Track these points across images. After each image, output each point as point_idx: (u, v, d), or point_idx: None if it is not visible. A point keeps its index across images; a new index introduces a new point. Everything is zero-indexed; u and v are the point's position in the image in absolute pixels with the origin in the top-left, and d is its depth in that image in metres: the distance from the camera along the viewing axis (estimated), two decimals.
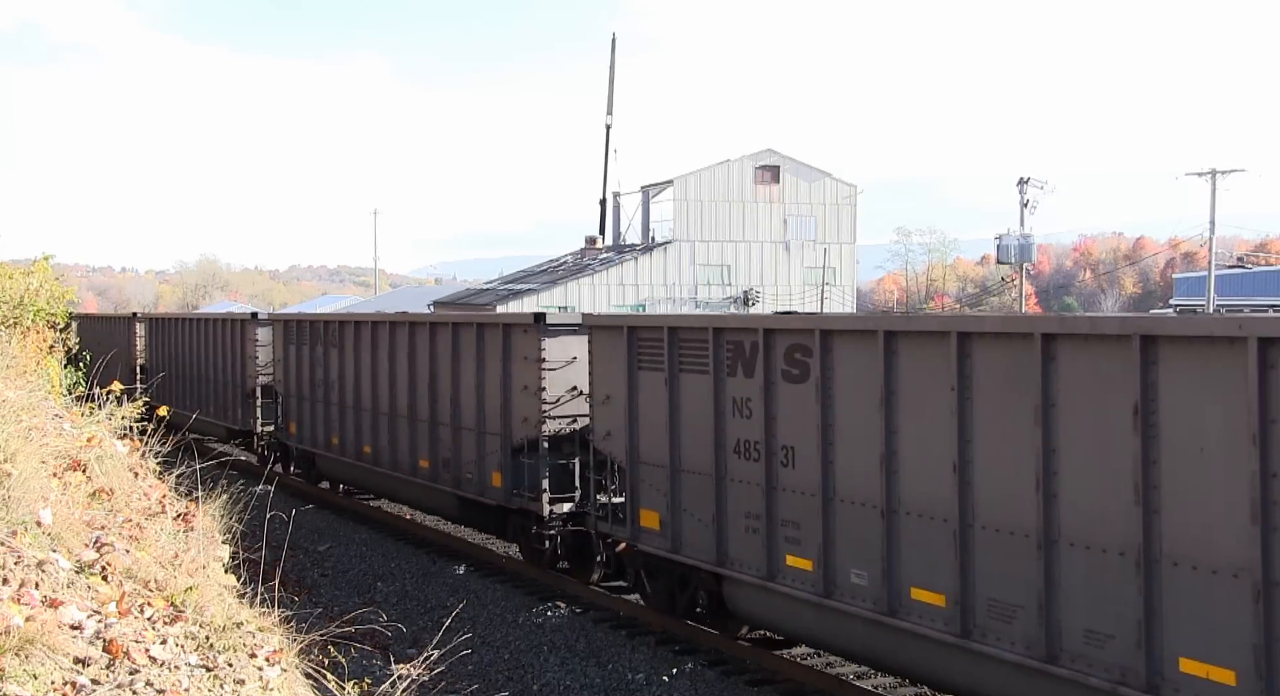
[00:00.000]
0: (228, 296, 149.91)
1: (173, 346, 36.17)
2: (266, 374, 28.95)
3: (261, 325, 29.35)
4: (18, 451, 7.38)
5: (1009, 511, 10.25)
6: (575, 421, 17.34)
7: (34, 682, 5.12)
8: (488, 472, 18.91)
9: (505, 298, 63.99)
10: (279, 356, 27.50)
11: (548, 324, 17.38)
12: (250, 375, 29.68)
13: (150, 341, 38.27)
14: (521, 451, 17.99)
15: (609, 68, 74.33)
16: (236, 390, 30.70)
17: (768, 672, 13.86)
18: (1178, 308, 66.15)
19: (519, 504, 18.13)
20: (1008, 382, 10.28)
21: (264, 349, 28.93)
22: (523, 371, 17.92)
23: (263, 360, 28.96)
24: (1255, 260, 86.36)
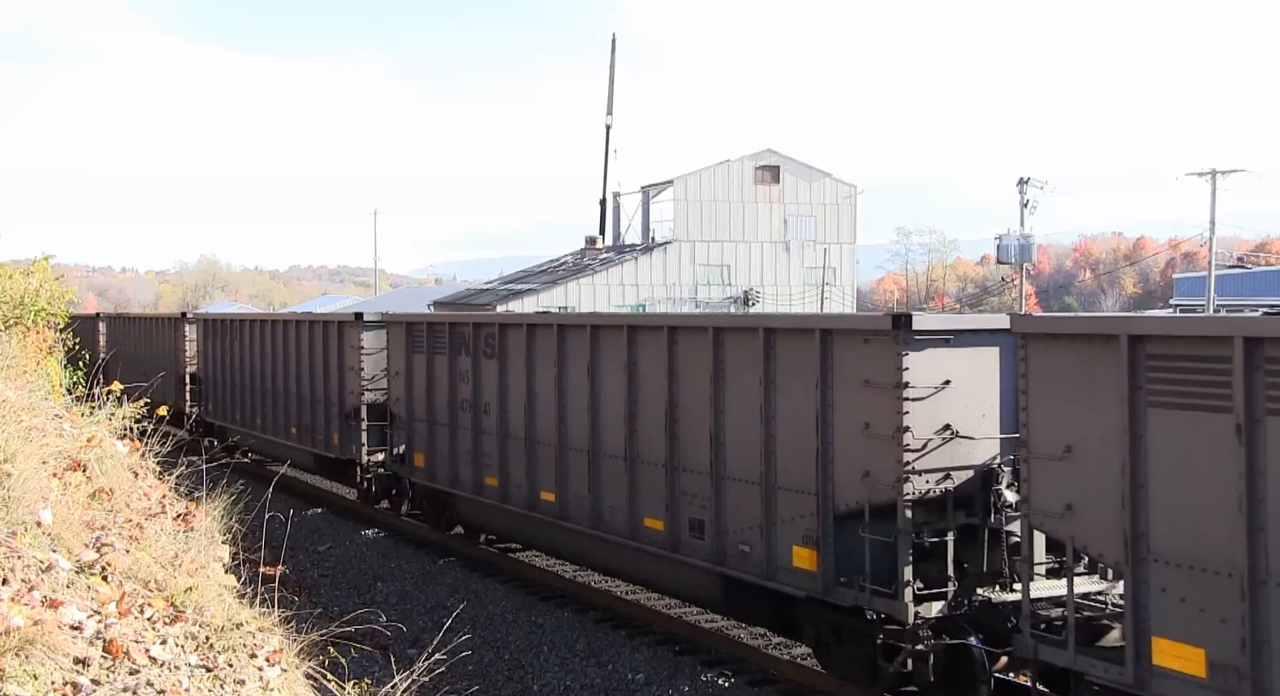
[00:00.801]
0: (228, 296, 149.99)
1: (236, 354, 30.83)
2: (376, 389, 23.42)
3: (369, 328, 23.59)
4: (18, 451, 7.39)
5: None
6: None
7: (34, 682, 5.12)
8: (782, 545, 12.89)
9: (505, 298, 64.02)
10: (397, 368, 21.78)
11: (914, 332, 11.45)
12: (352, 391, 23.93)
13: (205, 347, 33.38)
14: None
15: (609, 68, 74.49)
16: (331, 409, 24.98)
17: (768, 672, 13.86)
18: (1178, 307, 66.19)
19: None
20: None
21: (371, 358, 23.40)
22: (870, 401, 11.75)
23: (370, 372, 23.41)
24: (1255, 260, 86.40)
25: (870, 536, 11.54)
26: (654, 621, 16.09)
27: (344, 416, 24.24)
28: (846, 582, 11.97)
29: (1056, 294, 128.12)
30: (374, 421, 23.29)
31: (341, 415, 24.36)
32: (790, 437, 12.70)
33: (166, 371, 34.40)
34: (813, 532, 12.34)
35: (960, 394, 11.42)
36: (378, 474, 23.61)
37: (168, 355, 35.77)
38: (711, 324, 13.88)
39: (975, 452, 11.52)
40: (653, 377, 14.78)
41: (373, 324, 23.54)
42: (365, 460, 23.61)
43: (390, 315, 23.21)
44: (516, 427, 17.94)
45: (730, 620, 15.67)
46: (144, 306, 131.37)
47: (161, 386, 33.56)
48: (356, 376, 23.59)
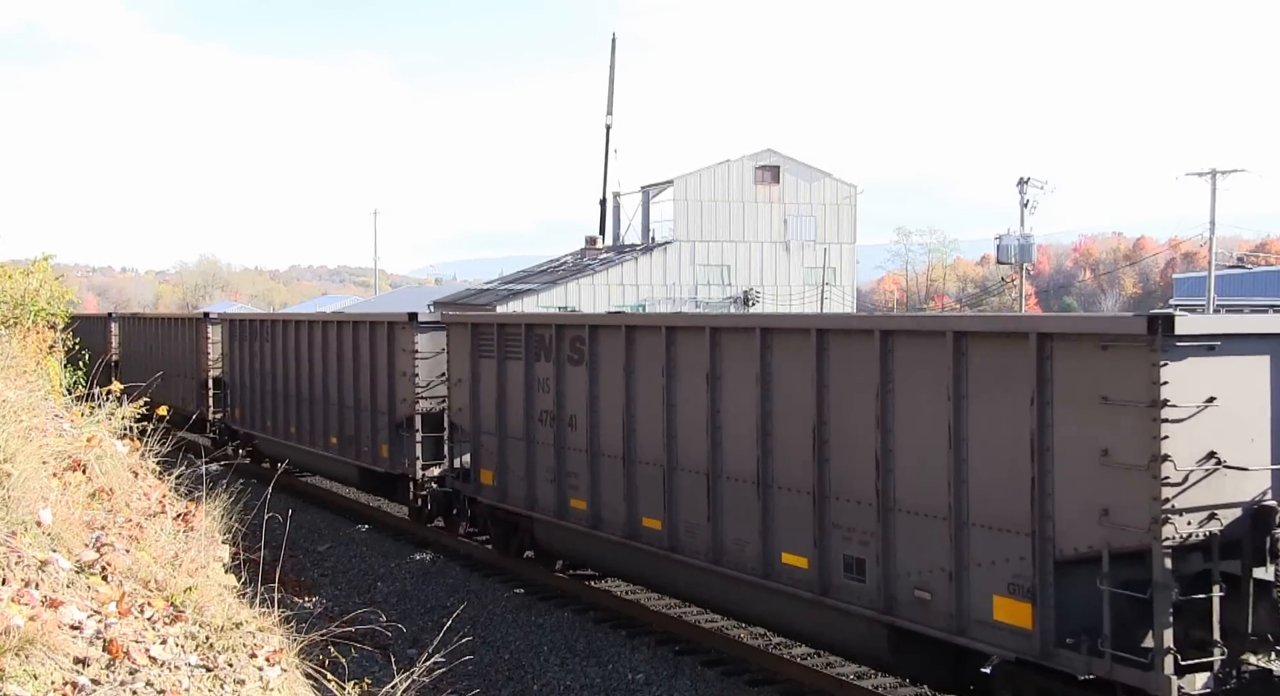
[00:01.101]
0: (228, 296, 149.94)
1: (267, 357, 28.56)
2: (432, 397, 21.36)
3: (424, 330, 21.46)
4: (18, 451, 7.38)
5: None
6: None
7: (34, 682, 5.12)
8: (976, 593, 10.80)
9: (505, 298, 64.01)
10: (459, 375, 19.65)
11: None
12: (404, 399, 21.82)
13: (231, 349, 30.99)
14: None
15: (609, 68, 74.45)
16: (379, 418, 22.74)
17: (768, 672, 13.86)
18: (1178, 307, 66.15)
19: None
20: None
21: (426, 363, 21.30)
22: (1110, 422, 9.75)
23: (425, 378, 21.41)
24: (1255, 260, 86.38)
25: (1111, 589, 9.54)
26: (654, 621, 16.09)
27: (394, 426, 22.20)
28: (1073, 644, 9.86)
29: (1056, 294, 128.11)
30: (429, 432, 21.48)
31: (392, 425, 22.31)
32: (990, 464, 10.66)
33: (186, 375, 33.87)
34: (1024, 580, 10.27)
35: (1226, 413, 9.55)
36: (433, 491, 21.82)
37: (188, 358, 34.03)
38: (877, 327, 11.80)
39: (1244, 487, 9.70)
40: (793, 388, 12.76)
41: (429, 325, 21.55)
42: (420, 475, 21.77)
43: (451, 315, 21.17)
44: (611, 444, 15.86)
45: (730, 620, 15.65)
46: (144, 306, 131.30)
47: (182, 391, 33.69)
48: (410, 383, 21.61)
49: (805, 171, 71.52)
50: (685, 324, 14.89)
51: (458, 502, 20.84)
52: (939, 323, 11.54)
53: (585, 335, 16.31)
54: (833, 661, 14.09)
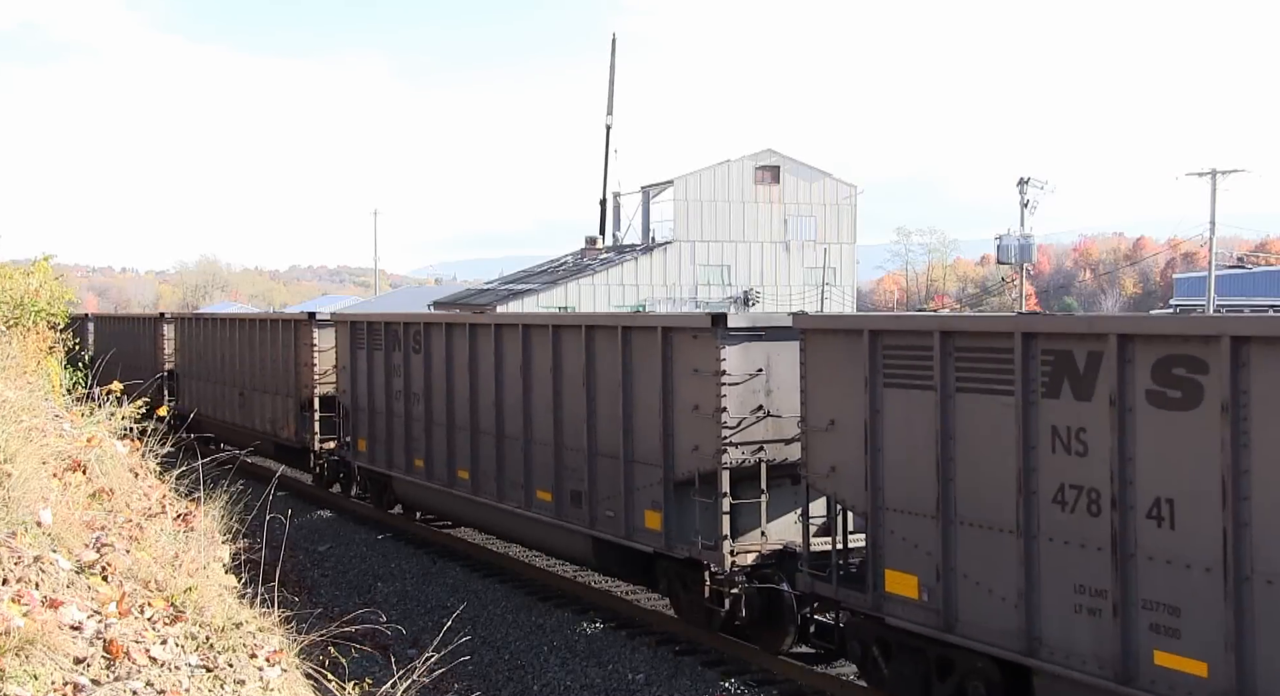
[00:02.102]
0: (228, 296, 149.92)
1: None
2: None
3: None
4: (18, 451, 7.38)
5: None
6: None
7: (34, 682, 5.12)
8: None
9: (505, 298, 64.02)
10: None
11: None
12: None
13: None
14: None
15: (609, 68, 74.44)
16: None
17: (768, 672, 13.86)
18: (1178, 308, 66.19)
19: None
20: None
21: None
22: None
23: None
24: (1255, 260, 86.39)
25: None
26: (654, 621, 16.10)
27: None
28: None
29: (1056, 294, 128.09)
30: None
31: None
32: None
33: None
34: None
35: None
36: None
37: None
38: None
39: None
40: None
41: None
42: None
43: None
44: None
45: None
46: (144, 306, 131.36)
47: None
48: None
49: (805, 171, 71.52)
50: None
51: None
52: None
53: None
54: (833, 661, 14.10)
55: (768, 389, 13.65)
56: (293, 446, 26.86)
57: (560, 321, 17.05)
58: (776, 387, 13.65)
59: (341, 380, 23.78)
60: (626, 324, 15.46)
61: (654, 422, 14.66)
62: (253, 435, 28.48)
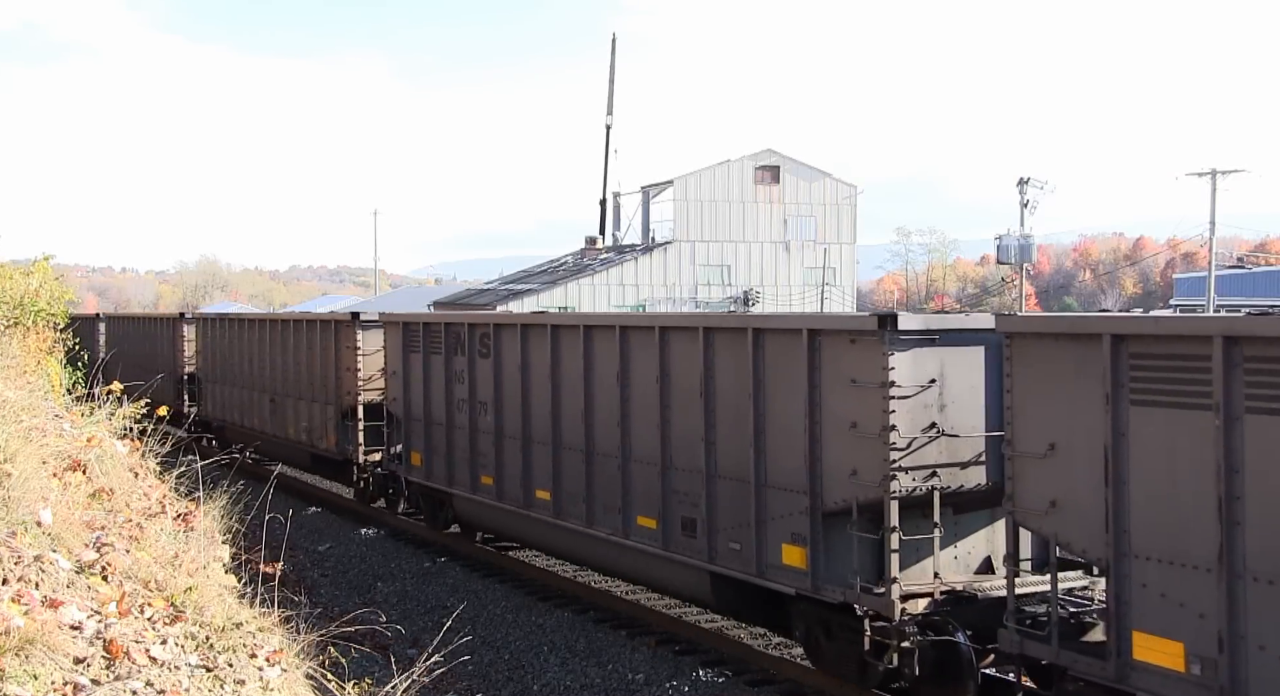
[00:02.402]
0: (228, 296, 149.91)
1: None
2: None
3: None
4: (18, 451, 7.38)
5: None
6: None
7: (34, 682, 5.12)
8: None
9: (505, 298, 64.02)
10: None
11: None
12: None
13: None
14: None
15: (609, 68, 74.48)
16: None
17: (768, 673, 13.86)
18: (1178, 308, 66.20)
19: None
20: None
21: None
22: None
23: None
24: (1255, 260, 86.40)
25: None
26: (654, 621, 16.09)
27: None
28: None
29: (1056, 294, 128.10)
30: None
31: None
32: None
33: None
34: None
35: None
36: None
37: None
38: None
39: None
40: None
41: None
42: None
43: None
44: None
45: (730, 620, 15.67)
46: (144, 306, 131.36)
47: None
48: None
49: (805, 171, 71.54)
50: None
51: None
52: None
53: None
54: None
55: (941, 403, 11.64)
56: (332, 458, 24.87)
57: (669, 323, 14.77)
58: (951, 401, 11.67)
59: (391, 387, 21.71)
60: (759, 326, 13.14)
61: (795, 442, 12.48)
62: (285, 445, 27.23)
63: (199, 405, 32.81)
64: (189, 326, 34.37)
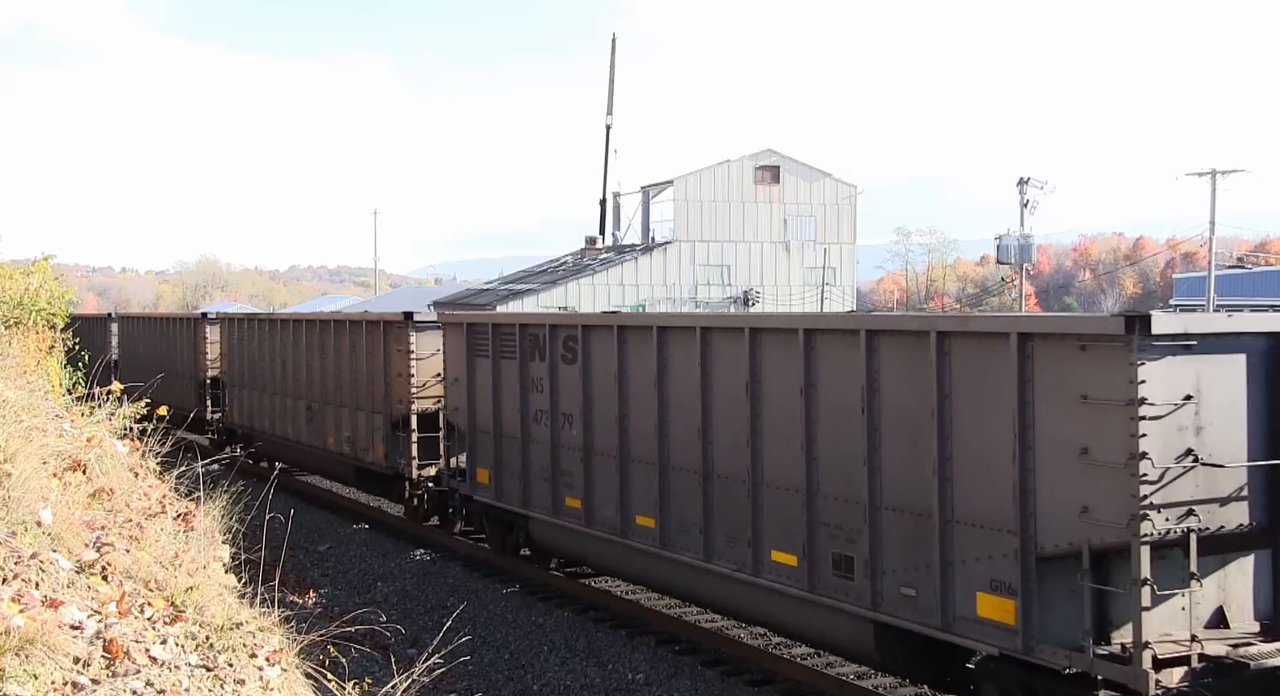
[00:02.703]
0: (227, 296, 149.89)
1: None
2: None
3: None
4: (18, 451, 7.38)
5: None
6: None
7: (34, 682, 5.11)
8: None
9: (505, 298, 64.02)
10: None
11: None
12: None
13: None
14: None
15: (609, 68, 74.46)
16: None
17: (768, 672, 13.85)
18: (1177, 308, 66.20)
19: None
20: None
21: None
22: None
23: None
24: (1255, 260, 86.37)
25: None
26: (654, 621, 16.09)
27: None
28: None
29: (1056, 294, 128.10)
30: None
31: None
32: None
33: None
34: None
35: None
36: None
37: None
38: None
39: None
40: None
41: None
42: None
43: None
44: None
45: (729, 620, 15.65)
46: (144, 306, 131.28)
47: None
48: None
49: (805, 171, 71.53)
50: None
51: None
52: None
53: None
54: (833, 661, 14.08)
55: (1197, 425, 9.68)
56: (380, 472, 22.96)
57: (815, 324, 12.72)
58: (1209, 423, 9.70)
59: (452, 396, 19.74)
60: (944, 328, 11.05)
61: (997, 471, 10.43)
62: (324, 457, 25.48)
63: (223, 411, 31.24)
64: (212, 327, 32.47)
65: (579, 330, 16.34)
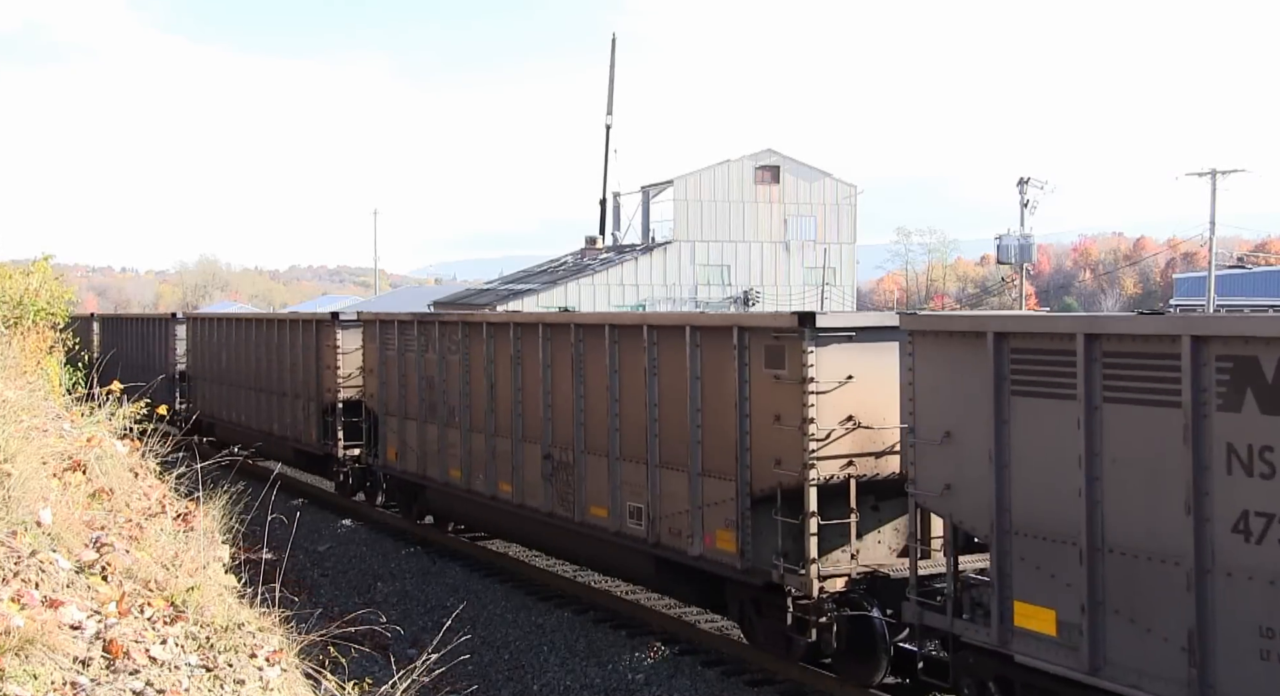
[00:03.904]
0: (228, 296, 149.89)
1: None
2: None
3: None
4: (18, 451, 7.38)
5: None
6: None
7: (34, 682, 5.12)
8: None
9: (505, 298, 64.01)
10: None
11: None
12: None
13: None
14: None
15: (609, 68, 74.44)
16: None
17: (768, 672, 13.86)
18: (1178, 308, 66.21)
19: None
20: None
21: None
22: None
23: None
24: (1255, 260, 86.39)
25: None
26: (654, 621, 16.09)
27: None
28: None
29: (1056, 294, 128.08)
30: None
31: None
32: None
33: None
34: None
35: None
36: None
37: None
38: None
39: None
40: None
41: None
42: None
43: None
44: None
45: (729, 620, 15.68)
46: (144, 306, 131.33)
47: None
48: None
49: (805, 171, 71.52)
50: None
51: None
52: None
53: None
54: None
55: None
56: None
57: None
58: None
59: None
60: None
61: None
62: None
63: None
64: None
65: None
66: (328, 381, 24.92)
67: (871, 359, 12.39)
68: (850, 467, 12.40)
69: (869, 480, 12.51)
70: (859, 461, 12.45)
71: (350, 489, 25.04)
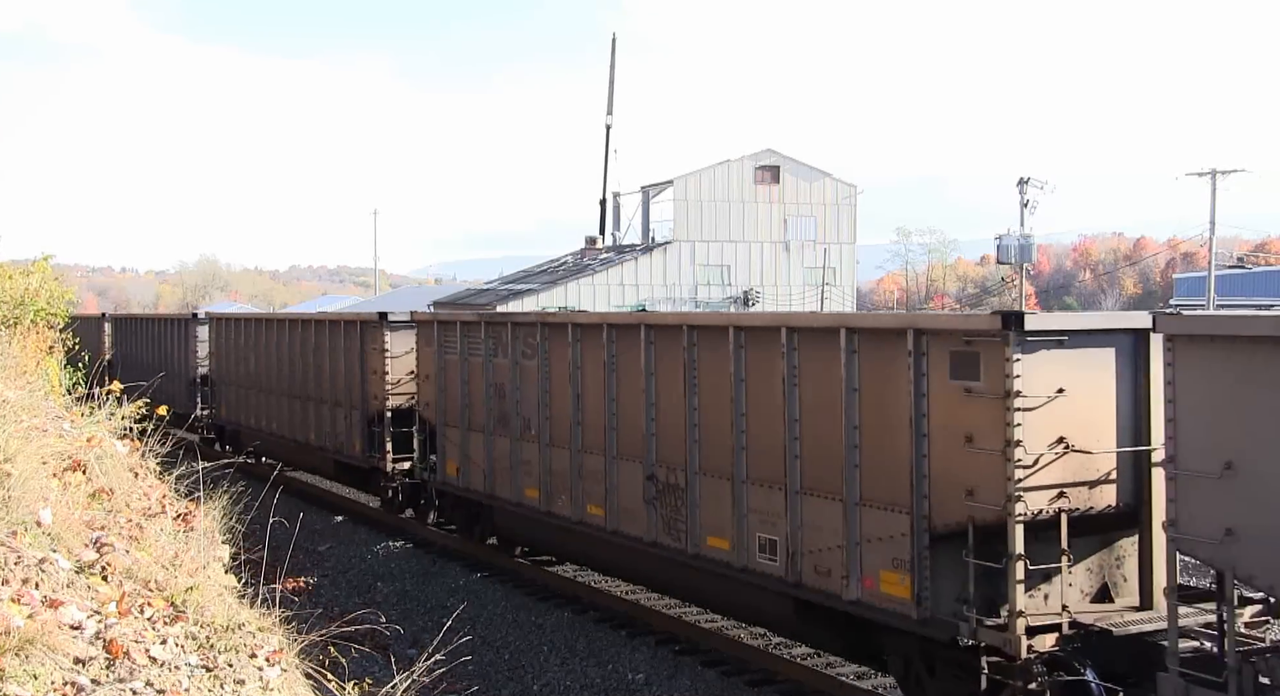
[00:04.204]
0: (227, 296, 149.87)
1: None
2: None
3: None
4: (18, 451, 7.38)
5: None
6: None
7: (34, 682, 5.11)
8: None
9: (505, 298, 64.01)
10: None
11: None
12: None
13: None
14: None
15: (609, 68, 74.42)
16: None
17: (768, 672, 13.85)
18: (1178, 308, 66.17)
19: None
20: None
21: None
22: None
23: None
24: (1255, 260, 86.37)
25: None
26: (654, 621, 16.09)
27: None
28: None
29: (1057, 294, 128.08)
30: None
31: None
32: None
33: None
34: None
35: None
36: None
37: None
38: None
39: None
40: None
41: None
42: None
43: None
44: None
45: (729, 620, 15.66)
46: (144, 306, 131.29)
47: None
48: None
49: (805, 171, 71.52)
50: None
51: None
52: None
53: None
54: (832, 661, 14.09)
55: None
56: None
57: None
58: None
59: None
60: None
61: None
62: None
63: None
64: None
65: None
66: (374, 388, 22.86)
67: (1083, 368, 10.55)
68: (1061, 499, 10.46)
69: (1081, 514, 10.62)
70: (1071, 492, 10.55)
71: (400, 506, 22.99)
